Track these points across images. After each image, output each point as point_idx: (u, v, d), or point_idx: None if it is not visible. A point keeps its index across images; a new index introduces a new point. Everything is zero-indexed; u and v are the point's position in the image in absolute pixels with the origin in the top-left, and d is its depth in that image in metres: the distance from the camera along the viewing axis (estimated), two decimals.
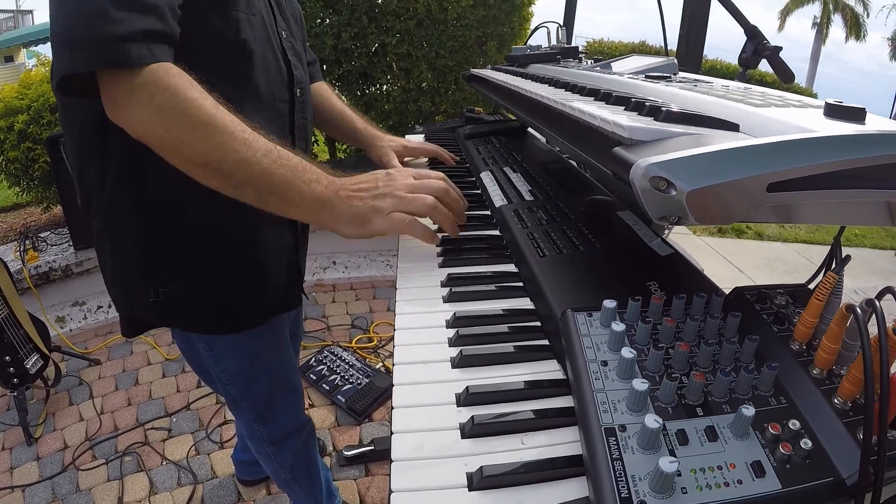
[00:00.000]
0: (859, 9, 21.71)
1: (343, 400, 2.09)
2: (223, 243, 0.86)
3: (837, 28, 22.56)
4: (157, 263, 0.83)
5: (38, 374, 1.97)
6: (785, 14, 22.98)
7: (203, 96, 0.66)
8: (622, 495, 0.35)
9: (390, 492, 0.47)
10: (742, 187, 0.42)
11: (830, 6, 22.18)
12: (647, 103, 0.60)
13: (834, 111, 0.52)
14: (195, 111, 0.65)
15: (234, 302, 0.91)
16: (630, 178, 0.44)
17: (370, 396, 2.12)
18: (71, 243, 2.69)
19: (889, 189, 0.46)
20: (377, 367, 2.35)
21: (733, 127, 0.54)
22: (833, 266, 0.44)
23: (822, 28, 22.63)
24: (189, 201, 0.80)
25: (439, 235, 0.81)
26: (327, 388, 2.16)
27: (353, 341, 2.55)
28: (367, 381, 2.21)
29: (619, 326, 0.49)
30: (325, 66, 3.16)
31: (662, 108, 0.56)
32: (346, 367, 2.31)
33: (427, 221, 0.81)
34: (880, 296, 0.36)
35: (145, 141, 0.66)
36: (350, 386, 2.18)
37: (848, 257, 0.43)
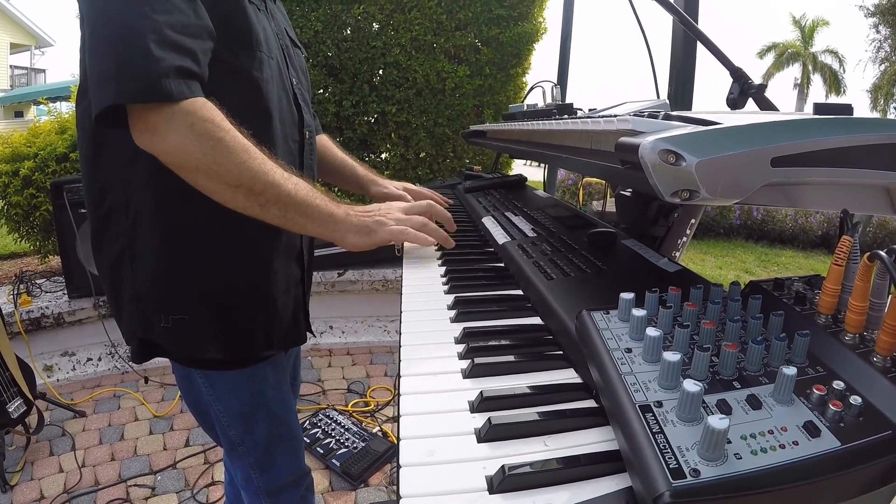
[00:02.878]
0: (836, 65, 23.21)
1: (338, 464, 1.97)
2: (235, 273, 0.88)
3: (817, 86, 23.98)
4: (169, 289, 0.84)
5: (21, 419, 1.90)
6: (767, 78, 24.50)
7: (235, 128, 0.75)
8: (671, 466, 0.32)
9: (399, 498, 0.43)
10: (748, 160, 0.43)
11: (809, 67, 23.72)
12: (647, 111, 0.63)
13: (823, 109, 0.54)
14: (231, 139, 0.73)
15: (241, 333, 0.90)
16: (640, 155, 0.44)
17: (366, 460, 2.00)
18: (66, 292, 2.66)
19: (884, 171, 0.47)
20: (374, 430, 2.24)
21: None
22: (846, 230, 0.43)
23: (802, 88, 24.07)
24: (209, 225, 0.83)
25: (432, 240, 0.94)
26: (321, 451, 2.04)
27: (349, 405, 2.45)
28: (363, 444, 2.10)
29: (640, 312, 0.47)
30: (326, 134, 3.30)
31: (661, 112, 0.59)
32: (342, 430, 2.20)
33: None
34: None
35: (180, 163, 0.72)
36: (345, 450, 2.06)
37: (859, 223, 0.43)
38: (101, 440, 2.14)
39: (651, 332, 0.43)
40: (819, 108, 0.56)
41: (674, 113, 0.59)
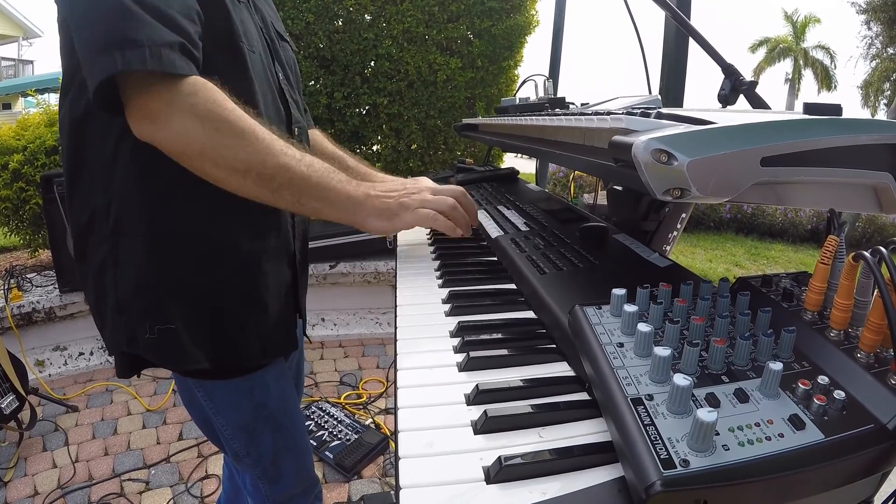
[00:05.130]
0: (827, 60, 23.48)
1: (331, 456, 1.98)
2: (223, 277, 0.83)
3: (809, 81, 24.26)
4: (155, 297, 0.79)
5: (13, 415, 1.90)
6: (758, 73, 24.76)
7: (239, 108, 0.69)
8: (661, 457, 0.34)
9: (398, 488, 0.44)
10: (738, 159, 0.44)
11: (801, 62, 23.96)
12: (640, 109, 0.64)
13: (813, 109, 0.55)
14: (236, 119, 0.68)
15: (230, 341, 0.86)
16: (633, 154, 0.45)
17: (359, 452, 2.02)
18: (57, 286, 2.64)
19: (870, 170, 0.48)
20: (367, 422, 2.26)
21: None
22: (833, 230, 0.45)
23: (794, 83, 24.32)
24: (196, 229, 0.79)
25: (459, 231, 0.87)
26: (314, 443, 2.06)
27: (342, 397, 2.46)
28: (356, 436, 2.12)
29: (631, 308, 0.48)
30: (318, 126, 3.28)
31: (653, 111, 0.60)
32: (335, 422, 2.22)
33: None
34: (886, 245, 0.37)
35: (184, 151, 0.67)
36: (338, 442, 2.07)
37: (846, 222, 0.44)
38: (94, 435, 2.13)
39: (642, 327, 0.44)
40: (809, 107, 0.57)
41: (666, 111, 0.60)
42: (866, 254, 0.37)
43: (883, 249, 0.36)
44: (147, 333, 0.79)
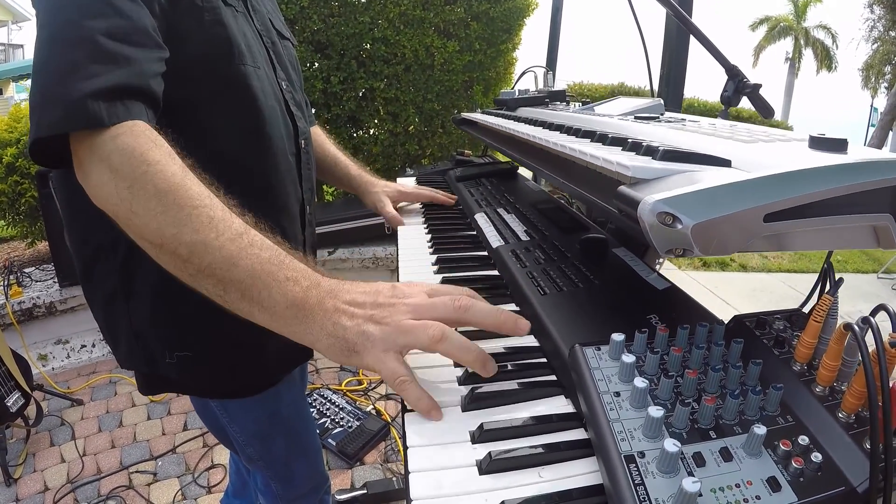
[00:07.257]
0: (828, 41, 23.24)
1: (334, 443, 2.04)
2: None
3: (809, 61, 24.06)
4: (172, 327, 0.80)
5: (20, 412, 1.93)
6: (758, 51, 24.48)
7: (167, 160, 0.57)
8: None
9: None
10: (742, 219, 0.45)
11: (801, 41, 23.69)
12: (644, 143, 0.64)
13: (818, 143, 0.56)
14: (152, 176, 0.55)
15: (249, 363, 0.87)
16: (638, 215, 0.46)
17: (362, 439, 2.08)
18: (56, 279, 2.66)
19: (873, 213, 0.49)
20: (368, 409, 2.31)
21: (725, 163, 0.58)
22: (828, 289, 0.47)
23: (794, 62, 24.10)
24: None
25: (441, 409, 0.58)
26: (317, 431, 2.11)
27: (343, 384, 2.51)
28: (357, 423, 2.17)
29: (629, 358, 0.50)
30: (314, 110, 3.24)
31: (659, 148, 0.60)
32: (337, 409, 2.27)
33: None
34: (874, 313, 0.39)
35: (104, 207, 0.58)
36: (341, 429, 2.13)
37: (841, 279, 0.46)
38: (101, 428, 2.18)
39: (638, 383, 0.46)
40: (815, 141, 0.57)
41: (672, 148, 0.59)
42: (855, 326, 0.39)
43: (872, 320, 0.38)
44: (167, 358, 0.80)
